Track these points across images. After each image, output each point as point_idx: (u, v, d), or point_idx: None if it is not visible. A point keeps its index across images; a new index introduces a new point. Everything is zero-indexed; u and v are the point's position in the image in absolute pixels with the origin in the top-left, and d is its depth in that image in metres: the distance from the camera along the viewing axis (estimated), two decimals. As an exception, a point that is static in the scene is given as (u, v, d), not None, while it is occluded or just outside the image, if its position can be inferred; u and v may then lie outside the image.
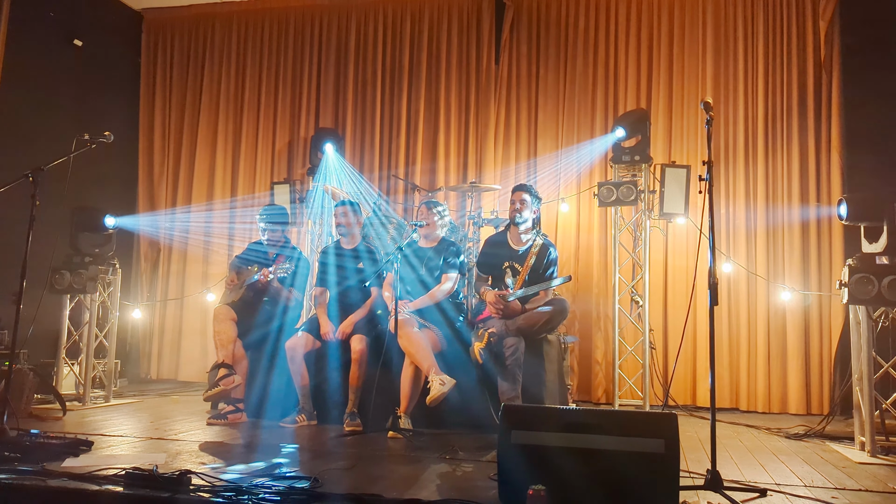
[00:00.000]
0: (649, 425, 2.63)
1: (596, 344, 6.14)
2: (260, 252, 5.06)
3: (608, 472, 2.56)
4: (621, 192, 5.56)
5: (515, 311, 4.31)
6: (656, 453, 2.56)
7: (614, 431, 2.62)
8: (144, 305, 6.99)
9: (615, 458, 2.57)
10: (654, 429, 2.60)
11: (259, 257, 5.01)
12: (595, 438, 2.62)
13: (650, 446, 2.57)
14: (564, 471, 2.58)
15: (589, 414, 2.79)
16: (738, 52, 6.10)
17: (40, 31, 6.24)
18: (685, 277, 6.02)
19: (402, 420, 4.19)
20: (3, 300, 5.60)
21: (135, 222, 6.83)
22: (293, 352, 4.54)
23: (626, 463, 2.57)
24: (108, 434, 4.05)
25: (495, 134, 6.59)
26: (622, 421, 2.68)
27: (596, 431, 2.63)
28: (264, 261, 4.99)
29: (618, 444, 2.59)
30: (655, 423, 2.63)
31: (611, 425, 2.65)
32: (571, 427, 2.66)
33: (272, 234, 5.05)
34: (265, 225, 5.05)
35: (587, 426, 2.65)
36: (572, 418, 2.71)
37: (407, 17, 6.93)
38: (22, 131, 5.86)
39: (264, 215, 5.09)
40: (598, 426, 2.65)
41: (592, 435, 2.62)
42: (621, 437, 2.60)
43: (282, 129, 7.15)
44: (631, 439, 2.59)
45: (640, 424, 2.65)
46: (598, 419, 2.70)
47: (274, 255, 5.02)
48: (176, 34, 7.46)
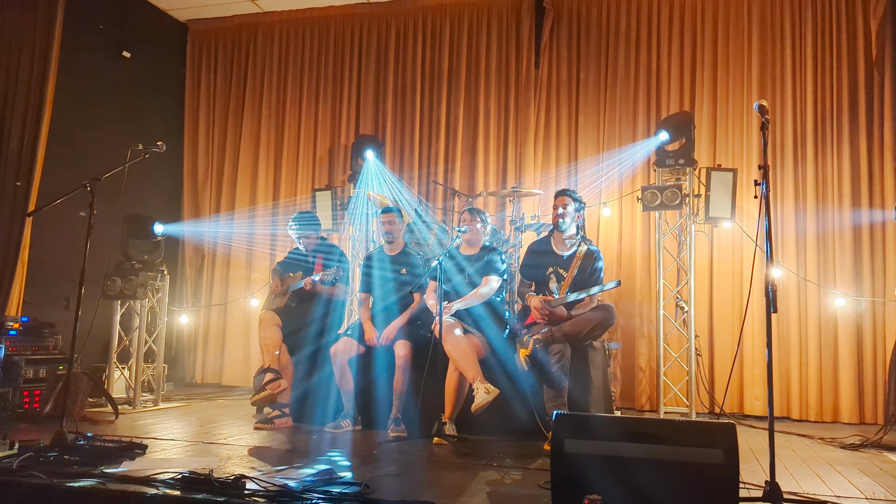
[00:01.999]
0: (707, 435, 2.58)
1: (639, 350, 6.07)
2: (301, 257, 5.11)
3: (666, 483, 2.52)
4: (666, 196, 5.49)
5: (561, 317, 4.27)
6: (715, 464, 2.50)
7: (671, 441, 2.58)
8: (190, 310, 7.11)
9: (672, 468, 2.53)
10: (712, 439, 2.55)
11: (301, 262, 5.07)
12: (652, 448, 2.57)
13: (708, 457, 2.51)
14: (620, 481, 2.54)
15: (645, 423, 2.74)
16: (786, 52, 5.98)
17: (91, 44, 6.41)
18: (731, 282, 5.92)
19: (448, 426, 4.18)
20: (57, 306, 5.78)
21: (180, 229, 6.96)
22: (337, 357, 4.57)
23: (684, 473, 2.52)
24: (159, 438, 4.12)
25: (535, 138, 6.56)
26: (679, 430, 2.64)
27: (652, 441, 2.59)
28: (306, 265, 5.04)
29: (675, 454, 2.54)
30: (713, 432, 2.58)
31: (668, 435, 2.60)
32: (627, 436, 2.62)
33: (307, 240, 5.10)
34: (298, 234, 5.10)
35: (643, 435, 2.61)
36: (628, 427, 2.67)
37: (446, 23, 6.95)
38: (73, 140, 6.01)
39: (295, 224, 5.14)
40: (655, 435, 2.60)
41: (649, 444, 2.58)
42: (679, 447, 2.55)
43: (323, 135, 7.22)
44: (689, 449, 2.54)
45: (697, 434, 2.60)
46: (655, 428, 2.66)
47: (313, 259, 5.06)
48: (220, 44, 7.59)
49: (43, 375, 4.86)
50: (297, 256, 5.12)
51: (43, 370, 4.89)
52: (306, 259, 5.05)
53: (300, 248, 5.14)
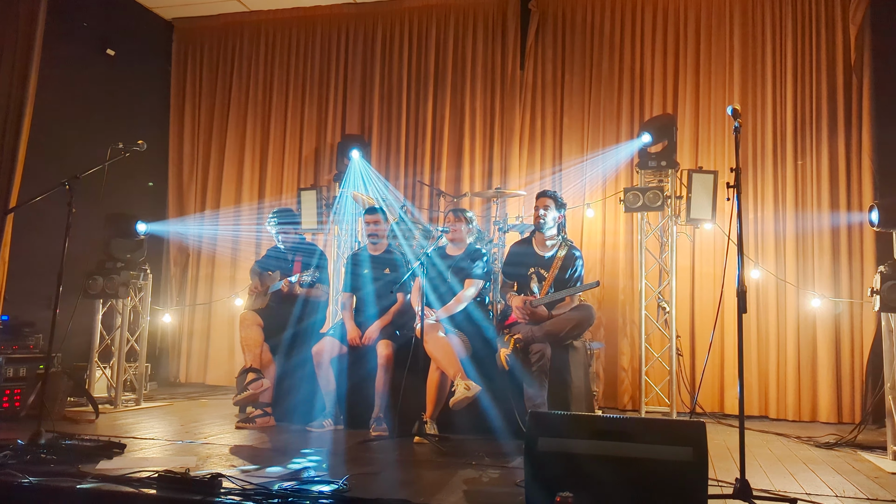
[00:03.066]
0: (677, 433, 2.62)
1: (622, 350, 6.11)
2: (279, 256, 5.11)
3: (636, 480, 2.55)
4: (648, 198, 5.54)
5: (542, 316, 4.31)
6: (685, 461, 2.54)
7: (642, 439, 2.62)
8: (173, 310, 7.10)
9: (643, 465, 2.56)
10: (683, 437, 2.59)
11: (279, 261, 5.08)
12: (623, 446, 2.61)
13: (678, 454, 2.55)
14: (592, 478, 2.57)
15: (617, 421, 2.78)
16: (767, 56, 6.04)
17: (74, 41, 6.37)
18: (712, 283, 5.97)
19: (429, 425, 4.21)
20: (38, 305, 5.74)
21: (165, 228, 6.95)
22: (319, 357, 4.59)
23: (654, 471, 2.55)
24: (139, 437, 4.12)
25: (520, 139, 6.60)
26: (650, 428, 2.67)
27: (624, 439, 2.62)
28: (284, 265, 5.05)
29: (646, 451, 2.58)
30: (684, 430, 2.62)
31: (639, 433, 2.64)
32: (599, 434, 2.66)
33: (286, 235, 5.11)
34: (277, 229, 5.12)
35: (615, 433, 2.65)
36: (600, 425, 2.71)
37: (433, 24, 6.97)
38: (56, 139, 5.98)
39: (274, 219, 5.16)
40: (626, 433, 2.64)
41: (620, 442, 2.62)
42: (649, 445, 2.59)
43: (308, 135, 7.22)
44: (659, 447, 2.58)
45: (668, 432, 2.64)
46: (626, 426, 2.69)
47: (292, 258, 5.07)
48: (205, 43, 7.58)
49: (23, 375, 4.83)
50: (276, 255, 5.14)
51: (23, 369, 4.85)
52: (285, 258, 5.06)
53: (279, 245, 5.15)
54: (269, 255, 5.20)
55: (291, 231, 5.15)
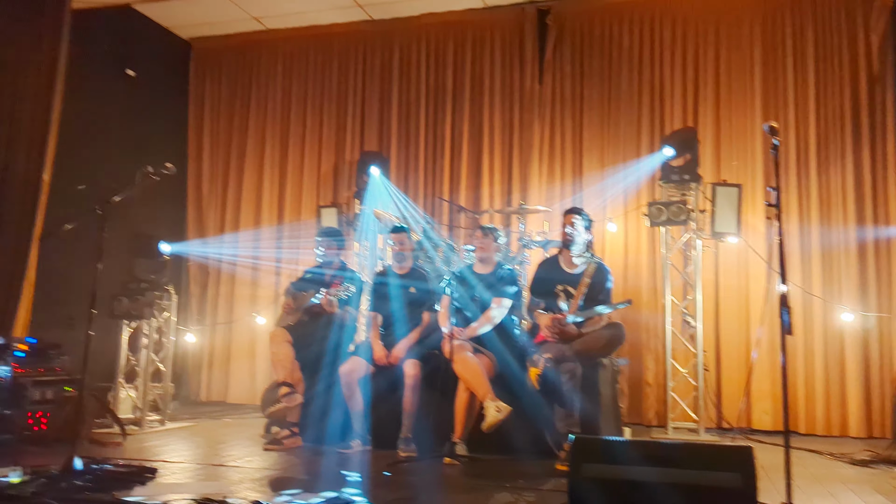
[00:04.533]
0: (725, 458, 2.59)
1: (646, 365, 6.06)
2: (316, 277, 5.10)
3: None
4: (671, 212, 5.51)
5: (571, 335, 4.27)
6: (733, 488, 2.50)
7: (689, 465, 2.58)
8: (195, 329, 7.09)
9: (690, 492, 2.53)
10: (730, 462, 2.56)
11: (315, 282, 5.06)
12: (669, 472, 2.57)
13: (726, 480, 2.52)
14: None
15: (662, 447, 2.74)
16: (788, 68, 6.01)
17: (95, 64, 6.41)
18: (737, 297, 5.93)
19: (458, 446, 4.17)
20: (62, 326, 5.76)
21: (185, 248, 6.95)
22: (347, 377, 4.56)
23: (701, 498, 2.52)
24: (169, 461, 4.10)
25: (539, 154, 6.58)
26: (697, 454, 2.64)
27: (670, 465, 2.59)
28: (321, 285, 5.04)
29: (693, 478, 2.55)
30: (731, 456, 2.59)
31: (685, 458, 2.61)
32: (644, 460, 2.62)
33: (328, 248, 5.11)
34: (323, 240, 5.12)
35: (661, 459, 2.61)
36: (645, 451, 2.67)
37: (450, 39, 6.98)
38: (78, 160, 6.00)
39: (322, 235, 5.18)
40: (672, 459, 2.61)
41: (666, 468, 2.58)
42: (696, 471, 2.55)
43: (327, 152, 7.22)
44: (706, 473, 2.55)
45: (715, 457, 2.61)
46: (672, 452, 2.66)
47: (330, 279, 5.06)
48: (223, 62, 7.61)
49: (50, 397, 4.83)
50: (314, 277, 5.12)
51: (50, 392, 4.85)
52: (322, 280, 5.05)
53: (318, 255, 5.12)
54: (306, 278, 5.19)
55: (335, 246, 5.13)
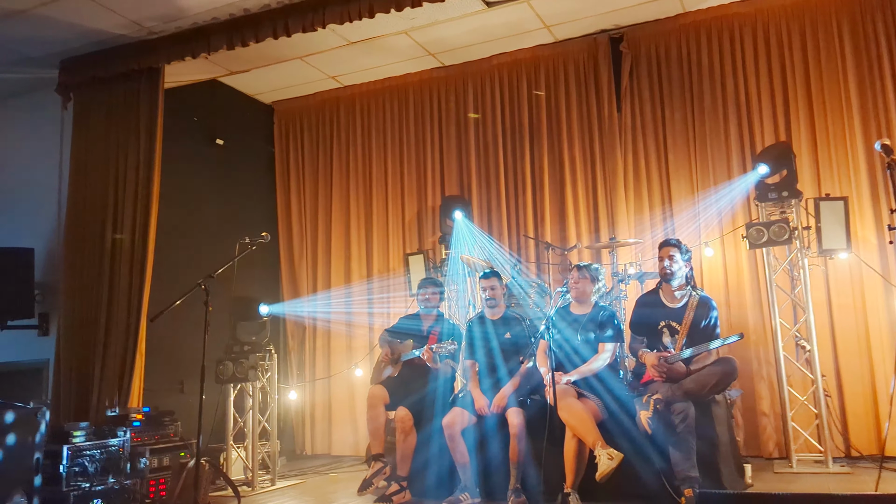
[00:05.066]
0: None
1: (760, 394, 5.73)
2: (413, 325, 5.11)
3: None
4: (773, 232, 5.24)
5: (680, 373, 4.09)
6: (886, 542, 2.29)
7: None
8: (297, 385, 7.24)
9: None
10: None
11: (412, 330, 5.07)
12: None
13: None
14: (780, 564, 2.36)
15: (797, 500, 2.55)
16: (885, 70, 5.65)
17: (188, 137, 6.76)
18: (853, 316, 5.55)
19: (572, 497, 4.04)
20: (173, 390, 5.99)
21: (281, 308, 7.14)
22: (450, 429, 4.51)
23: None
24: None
25: (625, 183, 6.42)
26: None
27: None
28: (418, 333, 5.04)
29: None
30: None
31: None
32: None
33: (430, 298, 5.12)
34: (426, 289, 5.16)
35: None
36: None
37: (523, 76, 6.97)
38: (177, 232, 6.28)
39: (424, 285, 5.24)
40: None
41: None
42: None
43: (409, 200, 7.30)
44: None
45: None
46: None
47: (429, 329, 5.05)
48: (304, 121, 7.86)
49: (166, 464, 5.00)
50: (410, 323, 5.14)
51: (166, 458, 5.03)
52: (419, 327, 5.05)
53: (420, 302, 5.16)
54: (402, 324, 5.21)
55: (437, 298, 5.15)
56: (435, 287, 5.20)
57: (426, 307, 5.14)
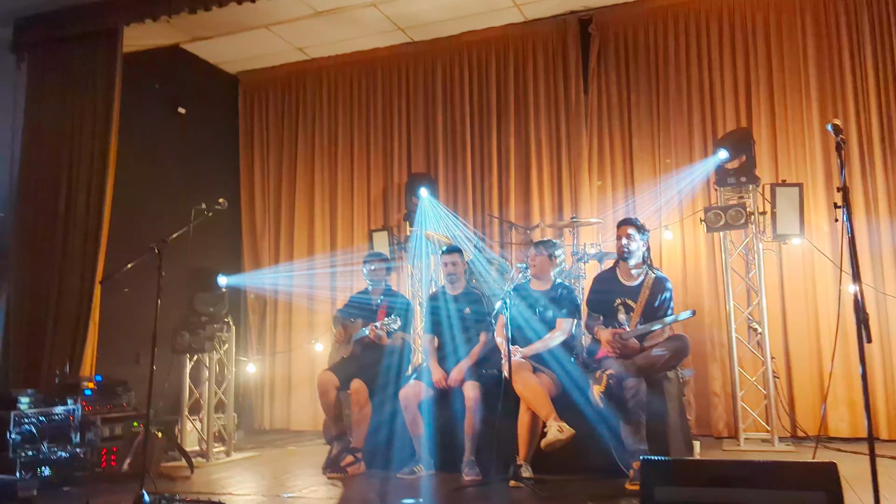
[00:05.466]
0: (808, 477, 2.43)
1: (713, 375, 5.86)
2: (363, 303, 5.10)
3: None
4: (730, 216, 5.33)
5: (633, 349, 4.16)
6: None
7: (769, 485, 2.44)
8: (256, 359, 7.19)
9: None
10: (814, 481, 2.40)
11: (363, 308, 5.06)
12: (748, 493, 2.44)
13: (810, 501, 2.37)
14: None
15: (739, 466, 2.60)
16: (844, 60, 5.78)
17: (148, 104, 6.61)
18: (804, 301, 5.70)
19: (523, 468, 4.09)
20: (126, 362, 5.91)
21: (242, 279, 7.07)
22: (406, 401, 4.53)
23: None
24: (236, 493, 4.13)
25: (589, 165, 6.47)
26: (777, 473, 2.49)
27: (748, 485, 2.45)
28: (368, 311, 5.03)
29: (774, 499, 2.41)
30: (815, 474, 2.43)
31: (764, 478, 2.47)
32: (720, 481, 2.49)
33: (376, 272, 5.09)
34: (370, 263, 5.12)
35: (738, 479, 2.48)
36: (721, 471, 2.54)
37: (492, 56, 6.95)
38: (135, 198, 6.16)
39: (369, 258, 5.19)
40: (751, 479, 2.47)
41: (745, 489, 2.45)
42: (777, 491, 2.42)
43: (376, 176, 7.26)
44: (788, 493, 2.40)
45: (797, 476, 2.45)
46: (750, 471, 2.52)
47: (377, 303, 5.05)
48: (270, 93, 7.75)
49: (118, 433, 4.94)
50: (360, 302, 5.13)
51: (118, 428, 4.96)
52: (369, 304, 5.05)
53: (365, 274, 5.15)
54: (352, 303, 5.20)
55: (383, 272, 5.13)
56: (380, 261, 5.18)
57: (373, 280, 5.13)
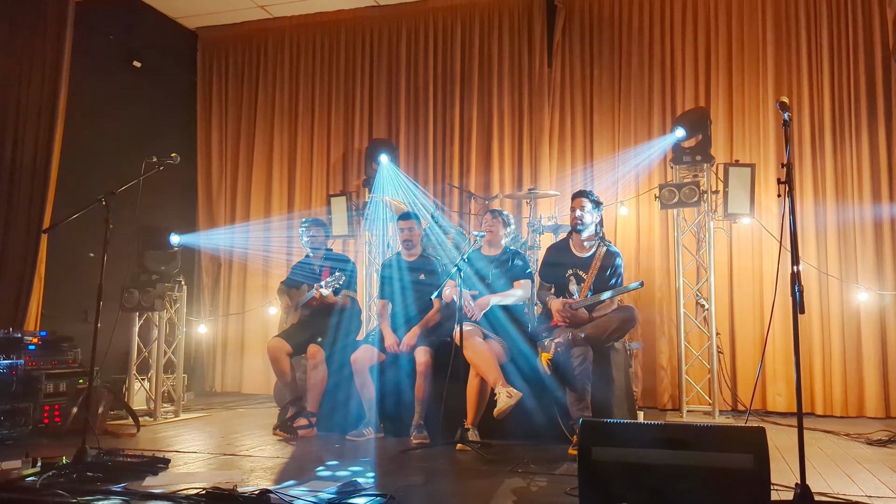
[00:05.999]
0: (737, 440, 2.53)
1: (660, 349, 6.01)
2: (306, 268, 5.08)
3: (695, 490, 2.48)
4: (683, 194, 5.43)
5: (583, 319, 4.23)
6: (745, 469, 2.46)
7: (700, 447, 2.53)
8: (208, 320, 7.12)
9: (702, 474, 2.49)
10: (743, 443, 2.50)
11: (306, 274, 5.04)
12: (681, 454, 2.53)
13: (739, 462, 2.47)
14: (649, 488, 2.51)
15: (673, 429, 2.69)
16: (801, 44, 5.89)
17: (101, 55, 6.41)
18: (751, 279, 5.86)
19: (471, 432, 4.16)
20: (74, 319, 5.80)
21: (196, 239, 6.96)
22: (358, 364, 4.55)
23: (714, 480, 2.47)
24: (182, 451, 4.11)
25: (550, 138, 6.51)
26: (708, 435, 2.58)
27: (681, 447, 2.55)
28: (312, 275, 5.01)
29: (705, 460, 2.50)
30: (743, 437, 2.53)
31: (696, 440, 2.56)
32: (655, 443, 2.58)
33: (315, 238, 5.06)
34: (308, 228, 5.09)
35: (671, 442, 2.57)
36: (656, 433, 2.63)
37: (457, 24, 6.91)
38: (86, 152, 6.02)
39: (305, 227, 5.15)
40: (684, 441, 2.56)
41: (678, 451, 2.54)
42: (708, 453, 2.51)
43: (336, 141, 7.19)
44: (718, 455, 2.50)
45: (727, 439, 2.55)
46: (683, 434, 2.61)
47: (320, 267, 5.04)
48: (230, 51, 7.59)
49: (63, 390, 4.86)
50: (303, 268, 5.10)
51: (63, 384, 4.88)
52: (312, 269, 5.03)
53: (304, 242, 5.12)
54: (296, 271, 5.16)
55: (322, 236, 5.11)
56: (318, 226, 5.14)
57: (313, 246, 5.10)
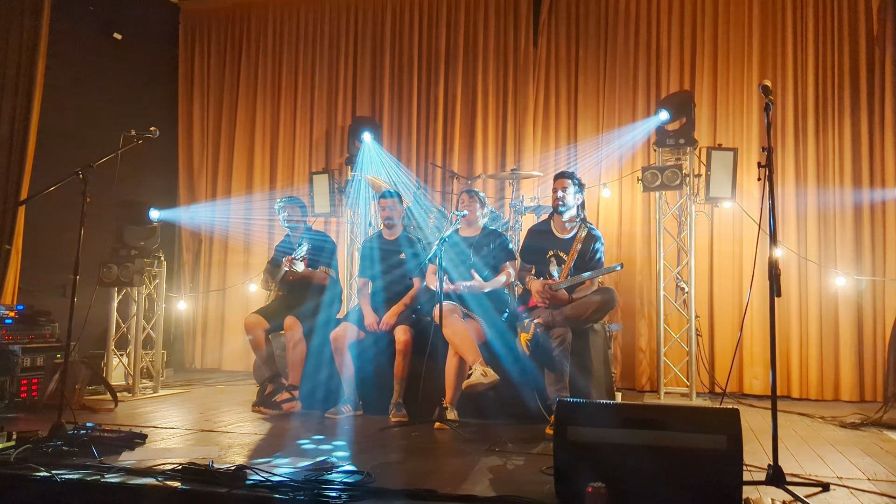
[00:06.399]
0: (711, 421, 2.56)
1: (640, 331, 6.06)
2: (285, 247, 5.05)
3: (669, 469, 2.50)
4: (666, 177, 5.45)
5: (562, 300, 4.24)
6: (718, 450, 2.49)
7: (674, 427, 2.56)
8: (188, 296, 7.07)
9: (676, 454, 2.51)
10: (716, 424, 2.53)
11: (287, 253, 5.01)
12: (655, 434, 2.55)
13: (712, 442, 2.50)
14: (623, 468, 2.53)
15: (648, 409, 2.72)
16: (787, 30, 5.90)
17: (81, 25, 6.29)
18: (731, 263, 5.90)
19: (449, 411, 4.17)
20: (52, 293, 5.74)
21: (176, 215, 6.90)
22: (338, 342, 4.55)
23: (688, 460, 2.50)
24: (159, 426, 4.10)
25: (534, 118, 6.49)
26: (682, 416, 2.61)
27: (656, 427, 2.57)
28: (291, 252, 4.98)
29: (679, 440, 2.53)
30: (717, 418, 2.56)
31: (671, 421, 2.58)
32: (630, 423, 2.60)
33: (292, 213, 5.02)
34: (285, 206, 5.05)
35: (646, 422, 2.59)
36: (630, 414, 2.65)
37: (443, 2, 6.84)
38: (65, 125, 5.92)
39: (282, 206, 5.10)
40: (658, 422, 2.58)
41: (652, 431, 2.56)
42: (682, 433, 2.54)
43: (319, 118, 7.13)
44: (692, 435, 2.53)
45: (701, 420, 2.58)
46: (658, 415, 2.63)
47: (298, 243, 5.01)
48: (212, 26, 7.47)
49: (40, 364, 4.83)
50: (284, 248, 5.07)
51: (40, 358, 4.85)
52: (291, 247, 5.00)
53: (282, 220, 5.09)
54: (278, 250, 5.13)
55: (298, 214, 5.06)
56: (293, 205, 5.09)
57: (291, 225, 5.06)
